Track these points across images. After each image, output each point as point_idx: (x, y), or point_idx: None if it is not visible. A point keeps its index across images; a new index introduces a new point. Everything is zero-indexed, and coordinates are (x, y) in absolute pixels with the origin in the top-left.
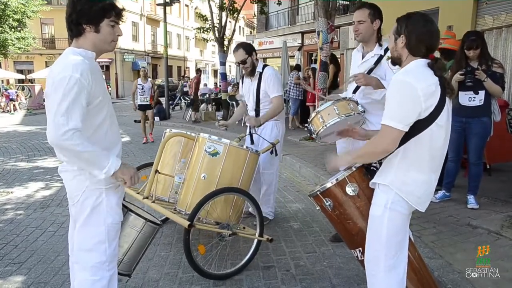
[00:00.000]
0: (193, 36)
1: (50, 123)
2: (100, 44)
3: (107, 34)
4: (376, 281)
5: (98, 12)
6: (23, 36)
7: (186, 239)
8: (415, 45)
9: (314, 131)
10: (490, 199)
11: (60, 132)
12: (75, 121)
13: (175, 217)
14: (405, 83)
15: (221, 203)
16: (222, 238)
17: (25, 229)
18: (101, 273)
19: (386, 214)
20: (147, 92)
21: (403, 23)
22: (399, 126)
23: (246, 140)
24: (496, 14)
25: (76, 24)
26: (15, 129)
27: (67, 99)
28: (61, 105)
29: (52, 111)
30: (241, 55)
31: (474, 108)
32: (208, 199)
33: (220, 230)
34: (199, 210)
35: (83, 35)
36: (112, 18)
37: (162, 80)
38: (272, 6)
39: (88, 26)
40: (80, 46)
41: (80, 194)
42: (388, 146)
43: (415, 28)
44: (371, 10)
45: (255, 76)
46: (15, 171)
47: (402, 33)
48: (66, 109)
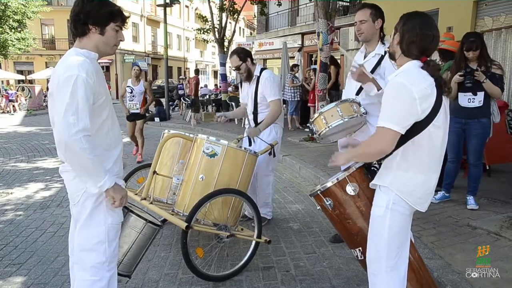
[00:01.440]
0: (193, 37)
1: (60, 122)
2: (103, 47)
3: (110, 37)
4: (378, 281)
5: (106, 15)
6: (23, 37)
7: (183, 241)
8: (407, 46)
9: (316, 131)
10: (490, 200)
11: (71, 131)
12: (85, 121)
13: (173, 218)
14: (401, 85)
15: (219, 205)
16: (220, 240)
17: (25, 230)
18: (101, 273)
19: (387, 215)
20: (138, 97)
21: (402, 20)
22: (395, 128)
23: (244, 141)
24: (495, 16)
25: (82, 23)
26: (15, 130)
27: (75, 98)
28: (70, 105)
29: (61, 110)
30: (235, 62)
31: (473, 109)
32: (206, 201)
33: (218, 232)
34: (196, 211)
35: (87, 35)
36: (118, 23)
37: (162, 81)
38: (272, 7)
39: (94, 27)
40: (83, 47)
41: (80, 195)
42: (383, 147)
43: (409, 29)
44: (373, 10)
45: (252, 80)
46: (15, 172)
47: (398, 30)
48: (76, 108)
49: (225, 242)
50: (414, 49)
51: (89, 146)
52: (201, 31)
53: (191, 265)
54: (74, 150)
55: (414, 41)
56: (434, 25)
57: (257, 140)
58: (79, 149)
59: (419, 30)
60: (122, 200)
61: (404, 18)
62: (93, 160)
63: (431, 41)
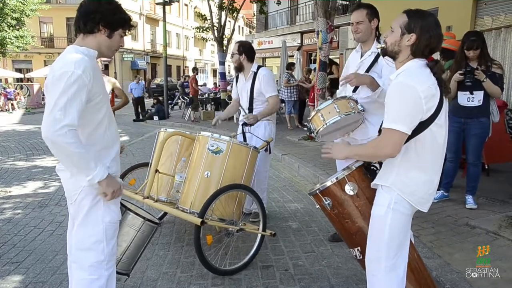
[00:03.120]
0: (193, 35)
1: (46, 117)
2: (105, 49)
3: (115, 42)
4: (377, 281)
5: (119, 21)
6: (21, 35)
7: (197, 237)
8: (423, 47)
9: (314, 129)
10: (489, 199)
11: (56, 127)
12: (72, 117)
13: (185, 215)
14: (407, 85)
15: (226, 200)
16: (228, 234)
17: (23, 229)
18: (99, 272)
19: (389, 215)
20: None
21: (417, 22)
22: (403, 129)
23: (238, 138)
24: (495, 15)
25: (94, 22)
26: (14, 128)
27: (66, 94)
28: (59, 100)
29: (50, 105)
30: (233, 49)
31: (472, 108)
32: (216, 196)
33: (229, 226)
34: (208, 207)
35: (94, 34)
36: (125, 30)
37: (161, 80)
38: (271, 5)
39: (104, 29)
40: (84, 44)
41: (77, 193)
42: (392, 151)
43: (429, 31)
44: (368, 10)
45: (249, 76)
46: (13, 170)
47: (414, 32)
48: (64, 104)
49: (233, 236)
50: (427, 50)
51: (75, 141)
52: (200, 30)
53: (204, 260)
54: (59, 145)
55: (431, 43)
56: (439, 25)
57: (253, 137)
58: (64, 143)
59: (436, 32)
60: (114, 194)
61: (419, 19)
62: (79, 153)
63: (442, 41)
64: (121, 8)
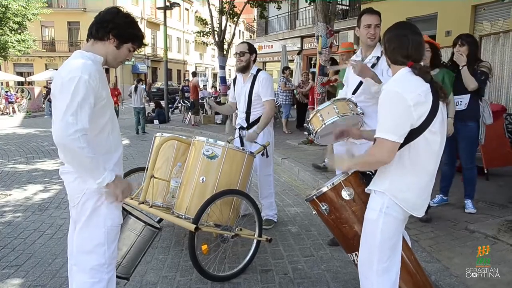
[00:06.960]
0: (193, 39)
1: (58, 122)
2: (111, 58)
3: (122, 54)
4: (369, 283)
5: (130, 35)
6: (23, 39)
7: (191, 243)
8: (391, 53)
9: (312, 130)
10: (488, 203)
11: (69, 131)
12: (84, 122)
13: (180, 221)
14: (394, 93)
15: (221, 205)
16: (224, 240)
17: (23, 232)
18: (99, 275)
19: (381, 219)
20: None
21: (385, 35)
22: (392, 138)
23: (235, 142)
24: (493, 20)
25: (106, 30)
26: (14, 131)
27: (76, 99)
28: (71, 105)
29: (61, 110)
30: (243, 48)
31: (460, 112)
32: (211, 202)
33: (224, 232)
34: (203, 212)
35: (104, 42)
36: (135, 46)
37: (162, 84)
38: (272, 10)
39: (114, 39)
40: (92, 50)
41: (80, 196)
42: (385, 158)
43: (389, 38)
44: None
45: (248, 78)
46: (13, 174)
47: (385, 43)
48: (76, 109)
49: (228, 242)
50: (397, 55)
51: (87, 145)
52: (201, 34)
53: (199, 267)
54: (72, 150)
55: (395, 48)
56: (413, 30)
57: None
58: (77, 148)
59: (396, 39)
60: (124, 193)
61: (387, 30)
62: (91, 158)
63: (411, 48)
64: (136, 25)
